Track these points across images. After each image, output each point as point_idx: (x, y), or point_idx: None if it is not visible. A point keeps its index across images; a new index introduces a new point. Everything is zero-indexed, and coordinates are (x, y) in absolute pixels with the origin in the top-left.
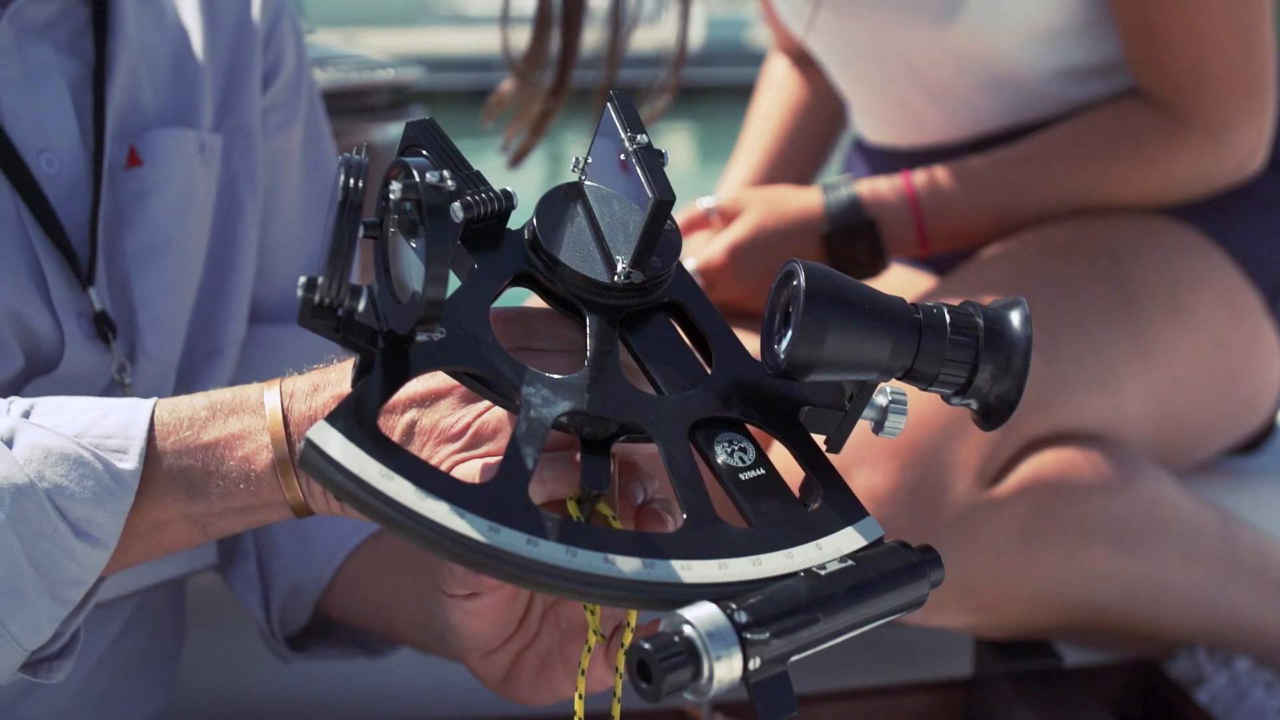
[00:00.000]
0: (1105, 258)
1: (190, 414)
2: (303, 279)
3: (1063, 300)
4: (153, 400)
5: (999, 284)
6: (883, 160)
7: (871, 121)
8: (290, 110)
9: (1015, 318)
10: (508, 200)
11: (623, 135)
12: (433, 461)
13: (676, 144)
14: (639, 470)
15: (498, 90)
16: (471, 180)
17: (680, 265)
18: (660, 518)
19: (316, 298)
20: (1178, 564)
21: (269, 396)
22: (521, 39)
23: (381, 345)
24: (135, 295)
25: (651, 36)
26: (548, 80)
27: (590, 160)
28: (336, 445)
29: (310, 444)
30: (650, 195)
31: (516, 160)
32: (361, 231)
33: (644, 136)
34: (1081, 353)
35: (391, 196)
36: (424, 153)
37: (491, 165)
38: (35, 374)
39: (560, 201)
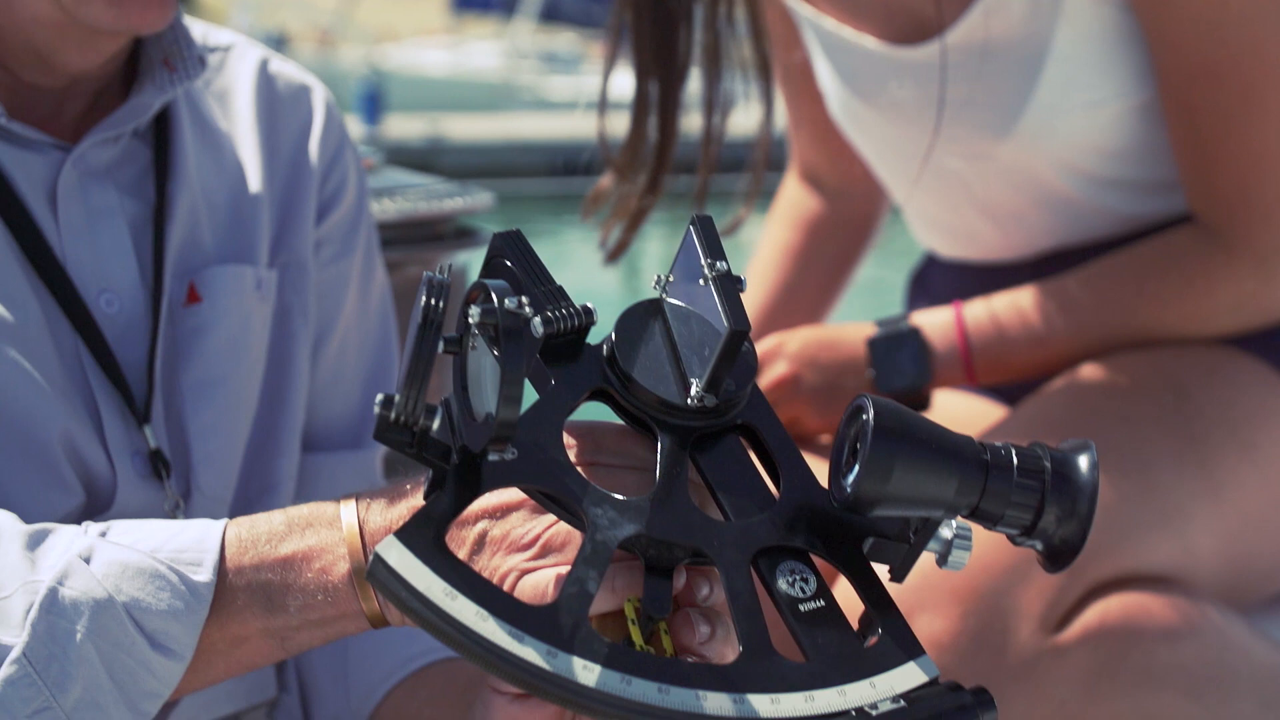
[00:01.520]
0: (1172, 394)
1: (268, 529)
2: (380, 396)
3: (1129, 438)
4: (225, 519)
5: (1063, 420)
6: (943, 274)
7: (929, 232)
8: (347, 243)
9: (1083, 461)
10: (587, 317)
11: (702, 261)
12: (501, 570)
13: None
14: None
15: (595, 186)
16: (553, 296)
17: (755, 387)
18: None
19: (393, 415)
20: (1250, 713)
21: (345, 511)
22: (615, 124)
23: (455, 460)
24: (190, 431)
25: (746, 123)
26: (644, 176)
27: (671, 278)
28: (404, 561)
29: (378, 559)
30: (726, 325)
31: (613, 256)
32: (441, 347)
33: (723, 264)
34: (1148, 492)
35: (471, 320)
36: (508, 263)
37: (575, 247)
38: (94, 510)
39: (639, 318)
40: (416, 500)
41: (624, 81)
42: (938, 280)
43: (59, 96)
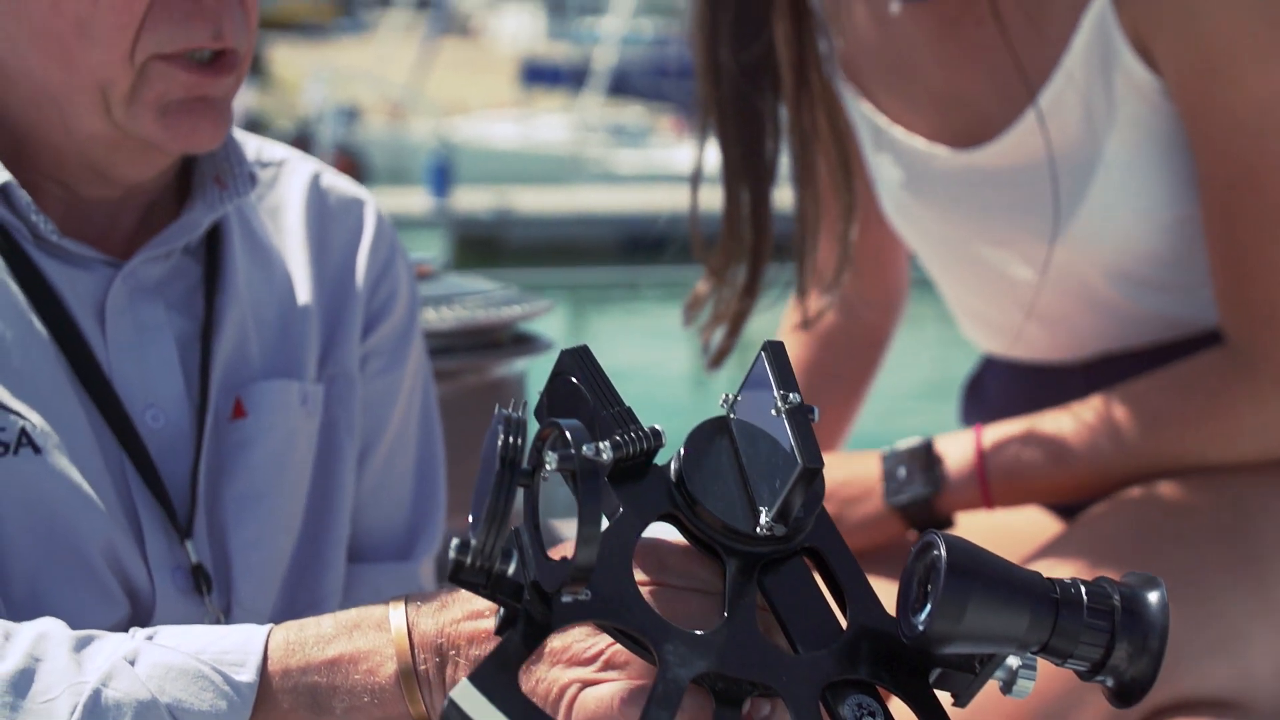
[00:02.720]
0: (1229, 512)
1: (315, 633)
2: (456, 541)
3: (1186, 559)
4: (271, 624)
5: (1119, 539)
6: (996, 379)
7: (975, 329)
8: (396, 355)
9: (1153, 598)
10: (656, 440)
11: (775, 392)
12: (562, 682)
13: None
14: None
15: (694, 291)
16: (622, 418)
17: (822, 510)
18: None
19: (469, 559)
20: None
21: (394, 614)
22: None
23: (527, 597)
24: (232, 545)
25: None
26: (741, 278)
27: (740, 398)
28: (478, 706)
29: (453, 704)
30: (798, 461)
31: (715, 363)
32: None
33: (795, 395)
34: (1207, 616)
35: (548, 466)
36: (574, 379)
37: (643, 322)
38: (138, 622)
39: (706, 438)
40: (468, 605)
41: (690, 155)
42: (991, 385)
43: (113, 209)
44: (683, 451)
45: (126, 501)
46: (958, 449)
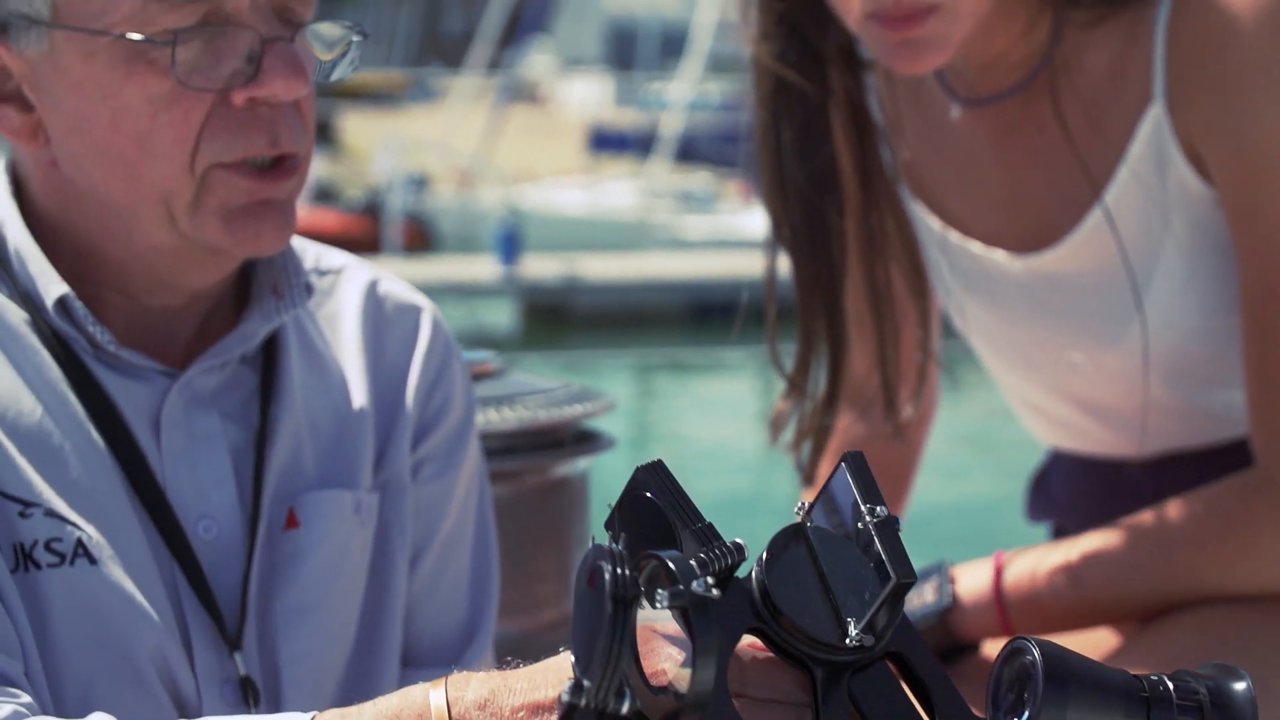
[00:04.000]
0: None
1: (356, 716)
2: (568, 683)
3: (1256, 648)
4: (315, 711)
5: (1186, 651)
6: (1061, 477)
7: (1036, 423)
8: (450, 460)
9: (1239, 689)
10: (739, 554)
11: (861, 506)
12: None
13: None
14: None
15: (775, 408)
16: (704, 535)
17: (903, 614)
18: None
19: (583, 702)
20: None
21: (435, 694)
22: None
23: None
24: (281, 657)
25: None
26: (822, 389)
27: (814, 506)
28: None
29: None
30: (892, 576)
31: (809, 480)
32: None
33: (882, 509)
34: None
35: (659, 605)
36: (649, 494)
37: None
38: None
39: (785, 547)
40: (506, 682)
41: (758, 220)
42: (1057, 480)
43: (173, 317)
44: (764, 562)
45: (177, 612)
46: (975, 575)
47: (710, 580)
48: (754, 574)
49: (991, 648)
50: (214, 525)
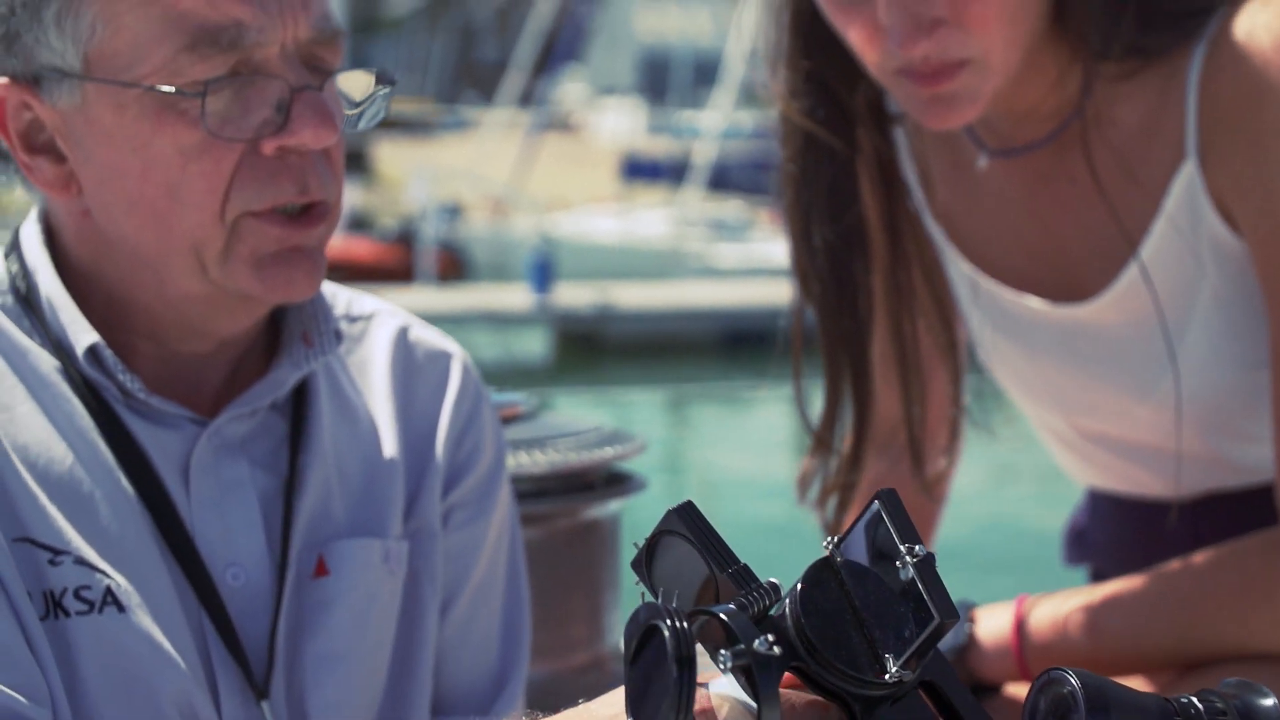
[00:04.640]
0: None
1: None
2: None
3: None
4: None
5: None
6: (1099, 521)
7: (1073, 464)
8: (480, 507)
9: (1267, 704)
10: (775, 595)
11: (900, 545)
12: None
13: None
14: None
15: (802, 467)
16: (740, 578)
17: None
18: None
19: None
20: None
21: None
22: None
23: None
24: (311, 706)
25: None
26: (847, 447)
27: (843, 542)
28: None
29: None
30: (935, 615)
31: (836, 536)
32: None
33: (920, 547)
34: None
35: (722, 666)
36: (682, 533)
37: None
38: None
39: (817, 582)
40: None
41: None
42: (1094, 522)
43: (203, 364)
44: (798, 599)
45: (205, 660)
46: (995, 619)
47: (770, 638)
48: (788, 610)
49: (1014, 689)
50: (242, 573)
